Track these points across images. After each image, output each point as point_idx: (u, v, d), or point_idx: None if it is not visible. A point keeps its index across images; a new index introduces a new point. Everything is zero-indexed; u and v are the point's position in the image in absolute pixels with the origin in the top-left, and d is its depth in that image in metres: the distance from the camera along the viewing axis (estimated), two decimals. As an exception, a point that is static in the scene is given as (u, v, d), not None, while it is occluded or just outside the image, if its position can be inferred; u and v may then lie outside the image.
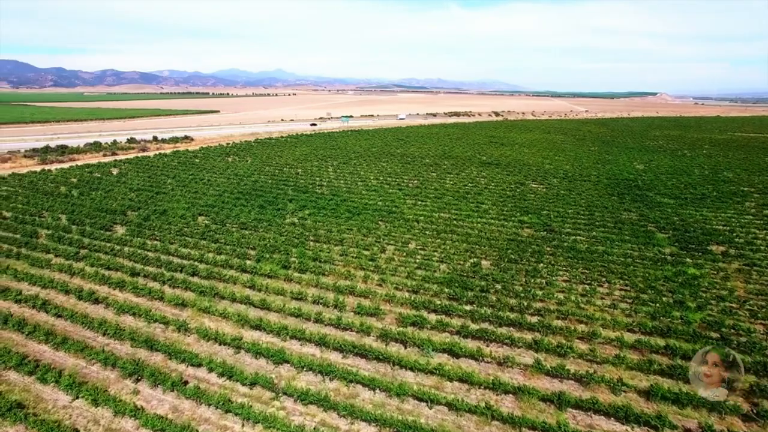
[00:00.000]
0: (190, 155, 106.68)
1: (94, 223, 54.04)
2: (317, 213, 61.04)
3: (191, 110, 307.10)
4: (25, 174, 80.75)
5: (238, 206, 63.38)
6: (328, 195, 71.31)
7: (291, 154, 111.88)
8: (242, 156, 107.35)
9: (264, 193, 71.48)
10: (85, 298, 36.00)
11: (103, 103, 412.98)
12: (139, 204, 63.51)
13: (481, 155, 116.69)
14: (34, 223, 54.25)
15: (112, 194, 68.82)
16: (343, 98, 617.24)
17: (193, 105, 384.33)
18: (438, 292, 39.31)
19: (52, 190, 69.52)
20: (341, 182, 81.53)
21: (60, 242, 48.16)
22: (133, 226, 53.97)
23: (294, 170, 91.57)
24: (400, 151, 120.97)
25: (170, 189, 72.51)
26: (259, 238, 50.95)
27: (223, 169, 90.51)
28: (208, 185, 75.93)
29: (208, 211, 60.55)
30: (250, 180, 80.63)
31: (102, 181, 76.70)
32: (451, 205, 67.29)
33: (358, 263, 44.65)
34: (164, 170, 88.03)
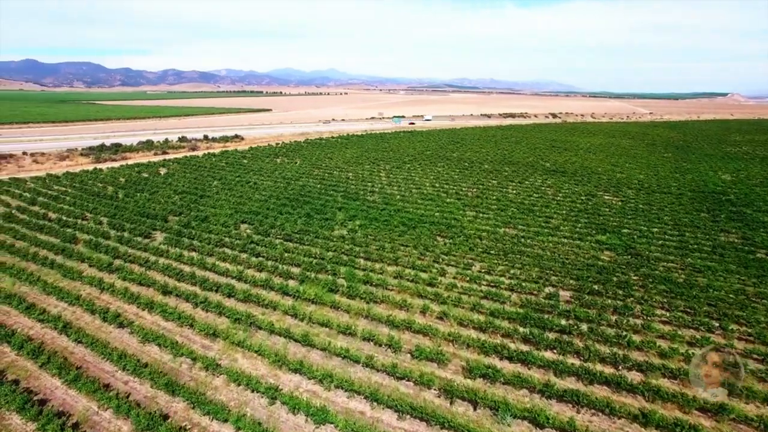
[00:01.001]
0: (239, 155, 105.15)
1: (133, 229, 51.58)
2: (368, 224, 55.83)
3: (244, 108, 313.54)
4: (78, 173, 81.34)
5: (284, 214, 59.40)
6: (380, 203, 66.05)
7: (341, 156, 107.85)
8: (291, 157, 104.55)
9: (312, 199, 67.28)
10: (110, 320, 32.50)
11: (163, 101, 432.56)
12: (181, 208, 61.02)
13: (544, 161, 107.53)
14: (76, 226, 52.62)
15: (157, 196, 67.02)
16: (394, 98, 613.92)
17: (246, 103, 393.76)
18: (510, 332, 32.85)
19: (99, 191, 68.75)
20: (394, 189, 76.08)
21: (96, 249, 45.77)
22: (172, 233, 51.07)
23: (344, 174, 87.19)
24: (457, 154, 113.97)
25: (215, 192, 69.95)
26: (304, 253, 46.39)
27: (270, 171, 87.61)
28: (254, 189, 72.82)
29: (251, 218, 56.90)
30: (297, 184, 76.89)
31: (148, 182, 75.55)
32: (517, 219, 60.09)
33: (415, 289, 38.89)
34: (211, 171, 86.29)
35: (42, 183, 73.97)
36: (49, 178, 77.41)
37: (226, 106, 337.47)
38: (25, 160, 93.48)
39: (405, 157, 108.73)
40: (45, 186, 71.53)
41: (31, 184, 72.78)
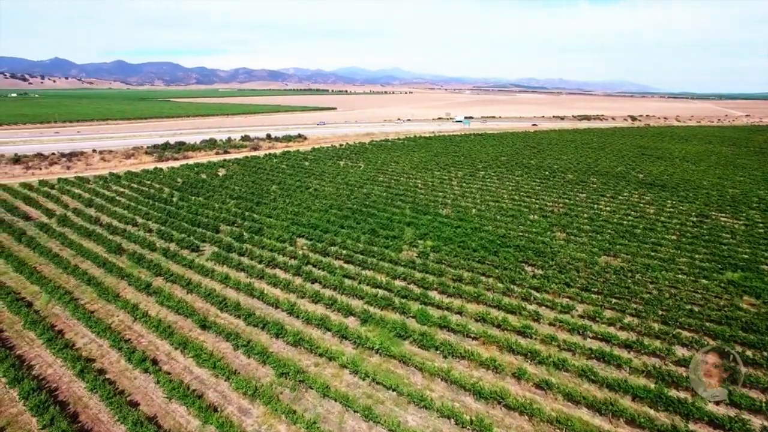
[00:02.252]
0: (301, 157, 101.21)
1: (182, 241, 47.47)
2: (441, 246, 48.11)
3: (309, 107, 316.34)
4: (138, 173, 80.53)
5: (346, 228, 53.22)
6: (454, 219, 58.12)
7: (408, 160, 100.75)
8: (355, 160, 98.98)
9: (377, 211, 60.66)
10: (137, 362, 27.36)
11: (232, 98, 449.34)
12: (235, 216, 56.72)
13: (636, 171, 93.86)
14: (124, 234, 49.50)
15: (211, 201, 63.46)
16: (460, 98, 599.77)
17: (312, 101, 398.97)
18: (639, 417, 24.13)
19: (155, 193, 66.44)
20: (468, 201, 67.70)
21: (139, 263, 41.79)
22: (222, 247, 46.36)
23: (412, 181, 79.99)
24: (535, 161, 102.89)
25: (272, 199, 65.32)
26: (367, 281, 39.68)
27: (332, 175, 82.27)
28: (315, 196, 67.45)
29: (309, 232, 51.16)
30: (361, 192, 70.66)
31: (205, 185, 72.64)
32: (617, 244, 49.91)
33: (504, 341, 30.83)
34: (270, 174, 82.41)
35: (103, 182, 73.33)
36: (111, 177, 76.92)
37: (292, 104, 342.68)
38: (94, 157, 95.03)
39: (478, 162, 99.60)
40: (105, 186, 70.57)
41: (92, 184, 72.26)
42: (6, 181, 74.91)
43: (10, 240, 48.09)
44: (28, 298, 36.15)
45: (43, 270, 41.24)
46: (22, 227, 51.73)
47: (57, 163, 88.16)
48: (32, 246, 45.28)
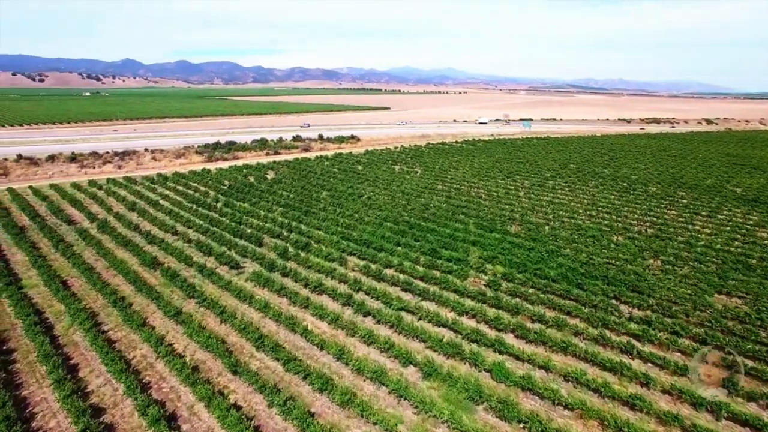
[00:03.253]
0: (353, 160, 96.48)
1: (221, 255, 43.37)
2: (515, 273, 41.10)
3: (362, 106, 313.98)
4: (186, 174, 78.69)
5: (402, 246, 47.42)
6: (525, 239, 50.74)
7: (468, 166, 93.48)
8: (411, 165, 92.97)
9: (437, 226, 54.35)
10: (151, 421, 22.67)
11: (286, 97, 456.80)
12: (281, 227, 52.35)
13: (731, 184, 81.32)
14: (162, 244, 46.16)
15: (257, 208, 59.64)
16: (515, 98, 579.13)
17: (365, 101, 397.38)
18: None
19: (199, 198, 63.55)
20: (540, 216, 59.87)
21: (173, 281, 37.89)
22: (264, 265, 41.81)
23: (474, 190, 72.98)
24: (609, 171, 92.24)
25: (322, 208, 60.53)
26: (429, 317, 33.61)
27: (387, 182, 76.66)
28: (368, 206, 62.02)
29: (362, 250, 45.68)
30: (418, 202, 64.51)
31: (252, 189, 69.11)
32: (730, 278, 41.12)
33: (611, 417, 23.75)
34: (321, 178, 77.97)
35: (149, 184, 71.74)
36: (158, 178, 75.38)
37: (345, 104, 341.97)
38: (146, 156, 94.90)
39: (545, 170, 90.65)
40: (150, 188, 68.67)
41: (139, 185, 70.77)
42: (60, 180, 75.04)
43: (48, 247, 45.91)
44: (51, 319, 32.84)
45: (73, 284, 38.27)
46: (63, 232, 49.79)
47: (110, 162, 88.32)
48: (67, 255, 42.65)
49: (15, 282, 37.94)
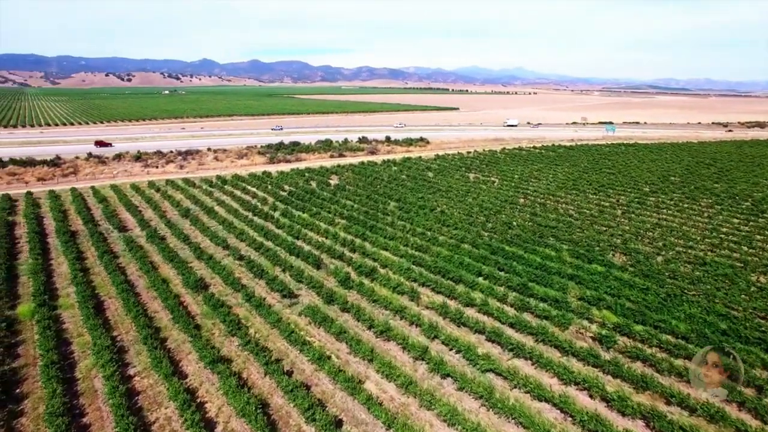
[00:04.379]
0: (423, 165, 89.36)
1: (273, 280, 37.85)
2: (631, 324, 32.23)
3: (430, 106, 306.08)
4: (245, 177, 75.38)
5: (485, 278, 39.77)
6: (635, 275, 41.14)
7: (552, 176, 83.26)
8: (486, 173, 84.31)
9: (524, 251, 45.98)
10: None
11: (353, 96, 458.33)
12: (343, 245, 46.48)
13: None
14: (211, 261, 41.58)
15: (318, 220, 54.25)
16: (588, 99, 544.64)
17: (432, 101, 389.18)
18: None
19: (256, 205, 59.21)
20: (647, 243, 49.53)
21: (216, 310, 32.81)
22: (322, 295, 35.91)
23: (562, 207, 63.35)
24: (722, 186, 77.51)
25: (389, 223, 53.95)
26: (527, 386, 25.79)
27: (462, 193, 68.82)
28: (441, 222, 54.66)
29: (437, 281, 38.51)
30: (499, 220, 56.24)
31: (313, 197, 63.95)
32: None
33: None
34: (389, 186, 71.49)
35: (208, 186, 68.94)
36: (217, 181, 72.52)
37: (412, 103, 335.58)
38: (208, 156, 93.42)
39: (642, 184, 78.30)
40: (207, 192, 65.55)
41: (196, 188, 68.13)
42: (122, 180, 74.26)
43: (94, 257, 42.82)
44: (76, 355, 28.55)
45: (108, 307, 34.24)
46: (112, 241, 46.90)
47: (173, 161, 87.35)
48: (110, 269, 39.00)
49: (51, 300, 34.67)
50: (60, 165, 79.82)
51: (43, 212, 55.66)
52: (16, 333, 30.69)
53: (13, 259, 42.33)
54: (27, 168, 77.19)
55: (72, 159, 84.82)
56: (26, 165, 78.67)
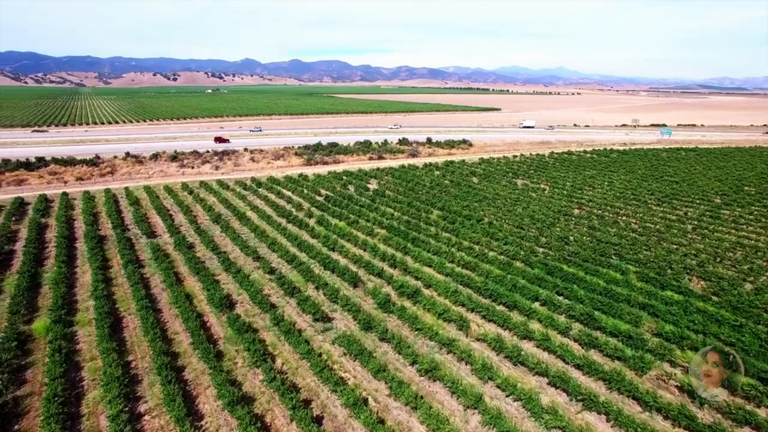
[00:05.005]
0: (467, 170, 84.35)
1: (305, 301, 34.25)
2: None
3: (471, 107, 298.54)
4: (281, 180, 72.76)
5: (542, 304, 35.05)
6: (720, 306, 35.10)
7: (607, 184, 76.45)
8: (535, 180, 78.44)
9: (584, 272, 40.71)
10: None
11: (392, 96, 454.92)
12: (383, 260, 42.66)
13: None
14: (239, 274, 38.58)
15: (355, 230, 50.71)
16: (636, 100, 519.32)
17: (473, 101, 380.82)
18: None
19: (291, 211, 56.12)
20: (728, 267, 43.06)
21: (241, 335, 29.29)
22: (359, 320, 32.09)
23: (622, 219, 57.17)
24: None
25: (433, 234, 49.63)
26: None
27: (510, 202, 63.58)
28: (489, 235, 49.83)
29: (488, 307, 33.92)
30: (554, 234, 50.88)
31: (351, 203, 60.32)
32: None
33: None
34: (430, 193, 66.99)
35: (242, 189, 66.75)
36: (252, 183, 70.24)
37: (452, 103, 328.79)
38: (245, 157, 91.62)
39: (711, 194, 70.38)
40: (241, 195, 63.03)
41: (230, 191, 65.98)
42: (157, 180, 73.07)
43: (118, 267, 40.60)
44: (85, 383, 25.79)
45: (127, 326, 31.55)
46: (140, 248, 44.83)
47: (209, 162, 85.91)
48: (133, 281, 36.44)
49: (69, 315, 32.37)
50: (98, 164, 79.66)
51: (75, 214, 54.46)
52: (28, 353, 28.32)
53: (39, 265, 40.68)
54: (67, 167, 77.29)
55: (110, 158, 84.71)
56: (67, 164, 78.88)
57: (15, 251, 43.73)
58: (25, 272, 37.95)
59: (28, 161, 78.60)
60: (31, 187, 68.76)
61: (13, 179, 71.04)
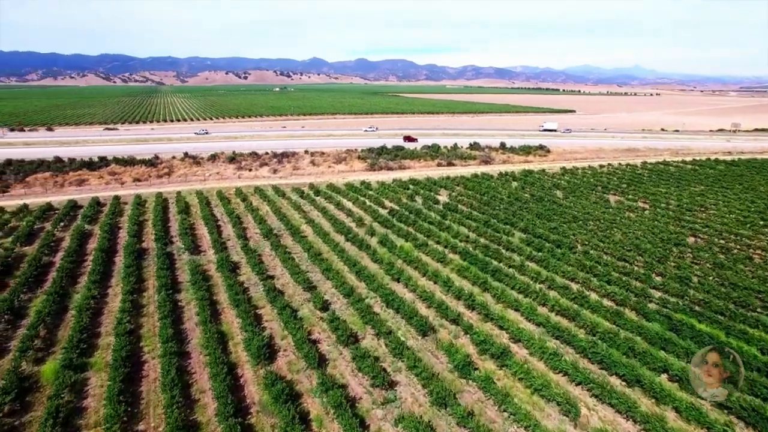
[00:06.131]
0: (548, 182, 74.32)
1: (362, 357, 27.20)
2: None
3: (543, 108, 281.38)
4: (341, 187, 66.89)
5: (673, 379, 25.76)
6: None
7: (723, 204, 63.77)
8: (631, 196, 67.11)
9: (728, 332, 30.87)
10: None
11: (458, 95, 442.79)
12: (457, 297, 34.90)
13: None
14: (284, 310, 32.12)
15: (424, 254, 43.28)
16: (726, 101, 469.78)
17: (542, 101, 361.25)
18: None
19: (349, 228, 49.40)
20: None
21: (277, 403, 22.85)
22: (430, 391, 24.70)
23: (757, 255, 45.64)
24: None
25: (517, 264, 41.09)
26: None
27: (604, 223, 53.66)
28: (587, 269, 40.54)
29: (600, 385, 25.25)
30: (668, 270, 40.71)
31: (418, 219, 52.88)
32: None
33: None
34: (509, 210, 58.13)
35: (297, 198, 61.53)
36: (309, 191, 64.83)
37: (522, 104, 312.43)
38: (305, 159, 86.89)
39: None
40: (296, 205, 57.45)
41: (284, 200, 60.78)
42: (212, 184, 69.55)
43: (152, 291, 35.77)
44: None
45: (145, 375, 26.17)
46: (180, 266, 40.09)
47: (267, 164, 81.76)
48: (163, 312, 31.12)
49: (84, 356, 27.47)
50: (156, 165, 77.69)
51: (121, 222, 51.04)
52: (26, 408, 23.33)
53: (73, 283, 36.75)
54: (126, 167, 75.79)
55: (168, 159, 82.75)
56: (126, 164, 77.52)
57: (53, 264, 40.29)
58: (54, 293, 33.83)
59: (91, 161, 78.09)
60: (90, 187, 67.26)
61: (75, 179, 70.12)
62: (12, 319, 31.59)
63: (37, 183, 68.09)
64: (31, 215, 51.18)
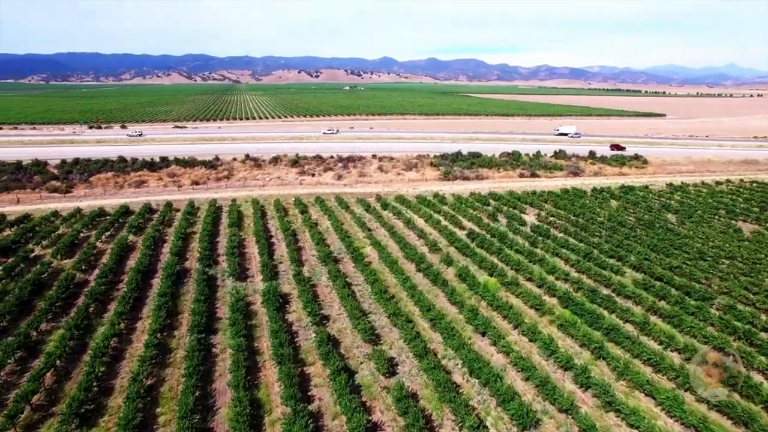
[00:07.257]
0: (655, 202, 62.44)
1: None
2: None
3: (627, 111, 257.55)
4: (412, 200, 59.39)
5: None
6: None
7: None
8: (759, 223, 54.02)
9: None
10: None
11: (531, 96, 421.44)
12: (564, 365, 26.03)
13: None
14: (340, 376, 24.59)
15: (513, 296, 34.29)
16: None
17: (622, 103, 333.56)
18: None
19: (421, 256, 41.41)
20: None
21: None
22: None
23: None
24: None
25: (639, 321, 31.31)
26: None
27: (746, 264, 42.16)
28: (738, 336, 30.04)
29: None
30: None
31: (503, 246, 43.95)
32: None
33: None
34: (613, 238, 47.61)
35: (361, 212, 54.71)
36: (376, 202, 57.90)
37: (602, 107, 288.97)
38: (372, 165, 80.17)
39: None
40: (361, 221, 50.47)
41: (347, 214, 53.89)
42: (270, 191, 64.24)
43: (183, 330, 30.03)
44: None
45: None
46: (221, 296, 34.07)
47: (331, 169, 75.84)
48: (190, 365, 25.05)
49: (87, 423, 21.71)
50: (216, 167, 74.03)
51: (167, 234, 46.45)
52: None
53: (101, 311, 31.89)
54: (186, 169, 72.79)
55: (229, 160, 79.07)
56: (186, 165, 74.60)
57: (87, 283, 35.91)
58: (76, 325, 28.87)
59: (153, 161, 75.98)
60: (149, 189, 64.44)
61: (135, 180, 67.83)
62: (24, 358, 26.88)
63: (99, 183, 66.29)
64: (81, 222, 47.96)
